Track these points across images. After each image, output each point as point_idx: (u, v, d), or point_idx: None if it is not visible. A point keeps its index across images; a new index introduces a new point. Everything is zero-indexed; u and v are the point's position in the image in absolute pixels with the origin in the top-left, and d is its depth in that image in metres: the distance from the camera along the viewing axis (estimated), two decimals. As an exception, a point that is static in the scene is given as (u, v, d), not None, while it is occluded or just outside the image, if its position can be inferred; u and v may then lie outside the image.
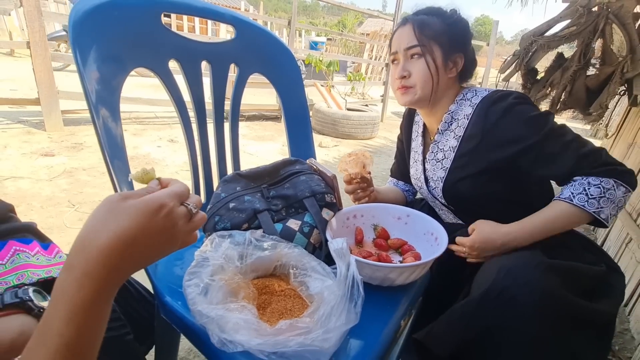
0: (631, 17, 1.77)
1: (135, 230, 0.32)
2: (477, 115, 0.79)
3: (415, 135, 0.99)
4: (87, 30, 0.50)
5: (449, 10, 0.84)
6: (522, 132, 0.73)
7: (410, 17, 0.84)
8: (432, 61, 0.79)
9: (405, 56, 0.81)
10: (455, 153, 0.83)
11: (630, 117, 2.08)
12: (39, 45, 2.57)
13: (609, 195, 0.68)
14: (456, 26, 0.82)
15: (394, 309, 0.60)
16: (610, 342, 0.70)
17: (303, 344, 0.45)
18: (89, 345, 0.32)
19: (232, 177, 0.70)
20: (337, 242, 0.52)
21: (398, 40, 0.83)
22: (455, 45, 0.81)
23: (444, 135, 0.86)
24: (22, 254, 0.52)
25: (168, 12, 0.64)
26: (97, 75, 0.51)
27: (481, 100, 0.79)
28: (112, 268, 0.32)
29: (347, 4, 4.74)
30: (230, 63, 0.79)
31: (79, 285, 0.30)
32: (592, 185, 0.69)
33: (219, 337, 0.46)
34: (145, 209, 0.33)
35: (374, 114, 3.96)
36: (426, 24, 0.79)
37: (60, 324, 0.30)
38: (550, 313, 0.58)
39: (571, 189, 0.70)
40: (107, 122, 0.51)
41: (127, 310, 0.67)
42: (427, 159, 0.90)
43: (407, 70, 0.81)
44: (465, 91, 0.85)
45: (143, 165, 2.40)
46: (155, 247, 0.35)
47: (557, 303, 0.59)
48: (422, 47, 0.79)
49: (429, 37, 0.79)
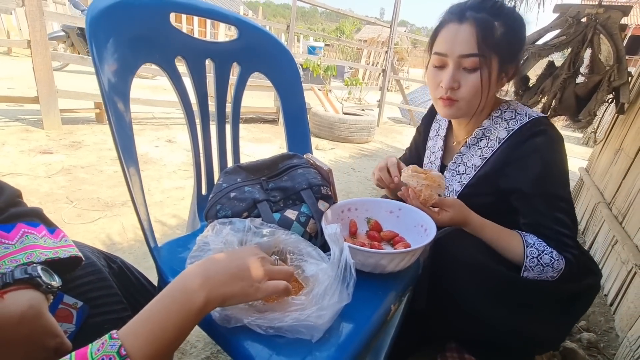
0: (618, 28, 1.85)
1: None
2: (508, 146, 0.76)
3: (434, 135, 0.96)
4: (102, 26, 0.54)
5: (507, 6, 0.72)
6: (529, 183, 0.73)
7: (471, 12, 0.69)
8: (487, 76, 0.69)
9: (458, 64, 0.70)
10: (476, 173, 0.81)
11: (617, 125, 2.15)
12: (39, 44, 2.60)
13: (550, 269, 0.72)
14: (516, 29, 0.71)
15: (385, 294, 0.63)
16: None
17: (298, 319, 0.48)
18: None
19: (233, 169, 0.73)
20: (331, 227, 0.55)
21: (451, 41, 0.70)
22: (513, 54, 0.72)
23: (471, 149, 0.83)
24: (31, 236, 0.54)
25: (176, 12, 0.68)
26: (110, 67, 0.54)
27: (519, 130, 0.75)
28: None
29: (345, 11, 4.82)
30: (233, 62, 0.83)
31: (199, 303, 0.42)
32: (547, 255, 0.71)
33: (220, 314, 0.49)
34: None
35: (371, 118, 4.02)
36: (490, 28, 0.67)
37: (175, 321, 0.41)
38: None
39: (533, 242, 0.73)
40: (119, 109, 0.55)
41: (127, 298, 0.69)
42: (448, 168, 0.87)
43: (457, 81, 0.72)
44: (503, 108, 0.79)
45: (141, 164, 2.42)
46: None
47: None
48: (481, 59, 0.68)
49: (491, 47, 0.68)
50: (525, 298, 0.74)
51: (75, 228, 1.57)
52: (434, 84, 0.76)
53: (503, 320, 0.74)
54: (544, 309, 0.77)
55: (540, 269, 0.72)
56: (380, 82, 5.26)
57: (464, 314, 0.76)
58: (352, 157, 3.36)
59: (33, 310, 0.44)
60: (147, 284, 0.76)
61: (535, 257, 0.72)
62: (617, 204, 1.70)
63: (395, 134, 4.88)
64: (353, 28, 16.26)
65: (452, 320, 0.80)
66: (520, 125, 0.75)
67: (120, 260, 0.72)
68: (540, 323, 0.76)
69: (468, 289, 0.73)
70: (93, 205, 1.77)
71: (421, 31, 73.56)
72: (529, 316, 0.75)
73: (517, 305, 0.74)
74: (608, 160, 2.06)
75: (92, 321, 0.56)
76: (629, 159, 1.73)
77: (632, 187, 1.58)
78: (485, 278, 0.72)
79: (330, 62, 4.43)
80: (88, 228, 1.58)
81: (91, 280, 0.59)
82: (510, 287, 0.73)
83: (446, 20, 0.73)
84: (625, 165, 1.74)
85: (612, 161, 1.97)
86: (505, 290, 0.73)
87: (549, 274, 0.73)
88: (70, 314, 0.54)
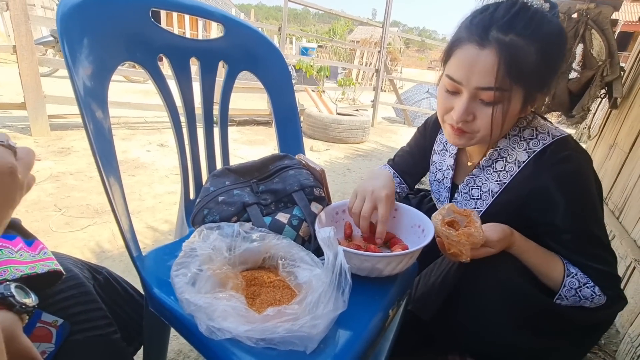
0: (609, 23, 1.84)
1: None
2: (531, 173, 0.67)
3: (441, 149, 0.88)
4: (75, 23, 0.51)
5: (549, 20, 0.56)
6: (559, 219, 0.66)
7: (497, 34, 0.55)
8: (507, 109, 0.59)
9: (474, 95, 0.60)
10: (494, 200, 0.73)
11: (611, 119, 2.15)
12: (25, 49, 2.54)
13: (587, 302, 0.68)
14: (554, 53, 0.58)
15: (383, 299, 0.61)
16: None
17: (291, 330, 0.45)
18: None
19: (222, 171, 0.70)
20: (324, 231, 0.52)
21: (468, 69, 0.58)
22: (545, 83, 0.60)
23: (485, 172, 0.75)
24: (5, 250, 0.51)
25: (157, 8, 0.65)
26: (85, 67, 0.51)
27: (542, 154, 0.66)
28: None
29: (337, 11, 4.81)
30: (219, 60, 0.80)
31: None
32: (589, 289, 0.66)
33: (207, 325, 0.46)
34: None
35: (365, 118, 4.00)
36: (518, 58, 0.55)
37: None
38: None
39: (575, 272, 0.68)
40: (96, 114, 0.51)
41: (114, 309, 0.66)
42: (459, 190, 0.80)
43: (471, 114, 0.62)
44: (522, 125, 0.70)
45: (132, 169, 2.38)
46: None
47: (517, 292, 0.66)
48: (500, 93, 0.57)
49: (515, 79, 0.56)
50: (554, 325, 0.70)
51: (64, 236, 1.52)
52: (444, 108, 0.66)
53: (526, 345, 0.69)
54: (570, 335, 0.72)
55: (576, 299, 0.68)
56: (374, 82, 5.25)
57: (482, 334, 0.71)
58: (347, 158, 3.34)
59: (5, 332, 0.40)
60: (135, 294, 0.73)
61: (575, 289, 0.67)
62: (613, 199, 1.69)
63: (390, 133, 4.87)
64: (345, 29, 16.31)
65: (463, 338, 0.76)
66: (542, 147, 0.67)
67: (106, 270, 0.69)
68: (562, 349, 0.72)
69: (499, 310, 0.68)
70: (82, 213, 1.72)
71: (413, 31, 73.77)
72: (553, 342, 0.71)
73: (543, 331, 0.70)
74: (602, 156, 2.05)
75: (74, 339, 0.52)
76: (623, 153, 1.72)
77: (627, 182, 1.58)
78: (523, 302, 0.67)
79: (323, 63, 4.41)
80: (77, 236, 1.53)
81: (73, 294, 0.56)
82: (543, 313, 0.68)
83: (464, 39, 0.59)
84: (620, 160, 1.73)
85: (607, 156, 1.97)
86: (537, 316, 0.68)
87: (585, 305, 0.69)
88: (49, 332, 0.50)
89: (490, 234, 0.66)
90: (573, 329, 0.72)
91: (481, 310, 0.70)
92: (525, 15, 0.56)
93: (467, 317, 0.72)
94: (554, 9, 0.58)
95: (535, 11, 0.57)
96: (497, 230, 0.67)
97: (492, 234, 0.66)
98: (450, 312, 0.73)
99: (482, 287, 0.69)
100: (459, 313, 0.73)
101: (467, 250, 0.62)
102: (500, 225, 0.68)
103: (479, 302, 0.70)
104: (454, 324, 0.75)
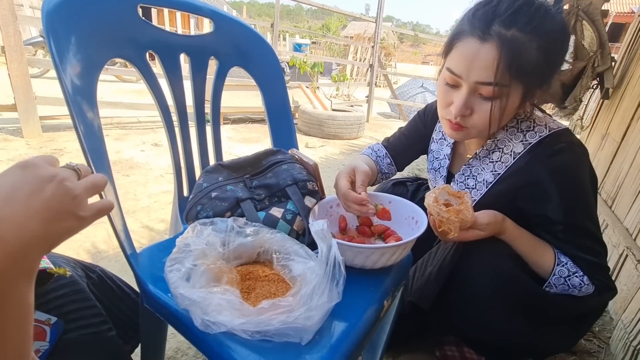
0: (600, 14, 1.85)
1: None
2: (526, 165, 0.68)
3: (439, 138, 0.89)
4: (60, 19, 0.50)
5: (552, 14, 0.56)
6: (551, 211, 0.67)
7: (498, 28, 0.54)
8: (506, 104, 0.59)
9: (473, 89, 0.60)
10: (488, 190, 0.75)
11: (603, 110, 2.17)
12: (14, 49, 2.50)
13: (575, 291, 0.69)
14: (556, 49, 0.58)
15: (377, 290, 0.61)
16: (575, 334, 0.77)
17: (286, 322, 0.45)
18: None
19: (214, 167, 0.70)
20: (317, 223, 0.52)
21: (468, 63, 0.58)
22: (545, 79, 0.60)
23: (481, 162, 0.76)
24: None
25: (145, 4, 0.64)
26: (73, 64, 0.50)
27: (537, 146, 0.67)
28: None
29: (331, 7, 4.78)
30: (209, 56, 0.79)
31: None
32: (578, 278, 0.68)
33: (202, 319, 0.46)
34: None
35: (360, 114, 4.00)
36: (520, 53, 0.54)
37: None
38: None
39: (565, 261, 0.69)
40: (86, 113, 0.51)
41: (109, 308, 0.66)
42: (455, 179, 0.81)
43: (469, 108, 0.62)
44: (520, 117, 0.70)
45: (127, 169, 2.36)
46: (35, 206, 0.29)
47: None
48: (499, 89, 0.57)
49: (515, 75, 0.56)
50: (545, 312, 0.72)
51: (58, 238, 1.51)
52: (444, 103, 0.67)
53: (519, 331, 0.71)
54: (562, 322, 0.75)
55: (565, 287, 0.69)
56: (368, 77, 5.24)
57: (476, 321, 0.73)
58: (343, 154, 3.34)
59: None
60: (130, 292, 0.73)
61: (564, 277, 0.69)
62: (606, 188, 1.71)
63: (385, 128, 4.87)
64: (339, 25, 16.25)
65: (458, 324, 0.78)
66: (538, 139, 0.67)
67: (100, 269, 0.69)
68: (554, 335, 0.74)
69: (490, 296, 0.69)
70: (76, 214, 1.71)
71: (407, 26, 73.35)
72: (545, 328, 0.73)
73: (536, 318, 0.72)
74: (595, 146, 2.07)
75: (68, 337, 0.52)
76: (615, 143, 1.74)
77: (619, 171, 1.59)
78: (514, 288, 0.69)
79: (316, 59, 4.39)
80: (72, 237, 1.52)
81: (66, 293, 0.56)
82: (536, 300, 0.70)
83: (466, 32, 0.58)
84: (612, 150, 1.75)
85: (600, 146, 1.99)
86: (528, 302, 0.70)
87: (573, 294, 0.70)
88: (43, 331, 0.50)
89: (481, 216, 0.68)
90: (564, 316, 0.74)
91: (474, 297, 0.72)
92: (529, 10, 0.55)
93: (462, 303, 0.74)
94: (558, 4, 0.58)
95: (539, 6, 0.56)
96: (488, 213, 0.69)
97: (483, 216, 0.68)
98: (445, 300, 0.74)
99: (475, 273, 0.71)
100: (453, 300, 0.74)
101: (455, 228, 0.63)
102: (491, 211, 0.70)
103: (472, 289, 0.71)
104: (449, 312, 0.77)
